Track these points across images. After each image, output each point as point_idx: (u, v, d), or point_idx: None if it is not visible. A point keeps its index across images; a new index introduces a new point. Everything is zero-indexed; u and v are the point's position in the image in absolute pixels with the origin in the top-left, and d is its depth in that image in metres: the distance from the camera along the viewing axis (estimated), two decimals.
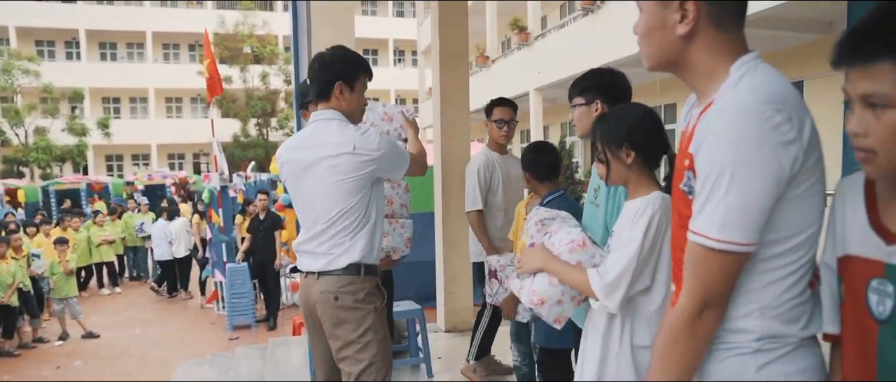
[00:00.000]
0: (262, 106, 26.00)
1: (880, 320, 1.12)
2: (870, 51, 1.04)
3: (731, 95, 1.21)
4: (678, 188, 1.33)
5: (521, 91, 17.83)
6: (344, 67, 2.51)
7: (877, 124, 1.06)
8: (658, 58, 1.35)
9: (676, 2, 1.28)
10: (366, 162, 2.40)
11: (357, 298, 2.43)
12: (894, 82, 1.02)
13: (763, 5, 9.06)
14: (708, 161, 1.19)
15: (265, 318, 8.58)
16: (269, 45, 26.87)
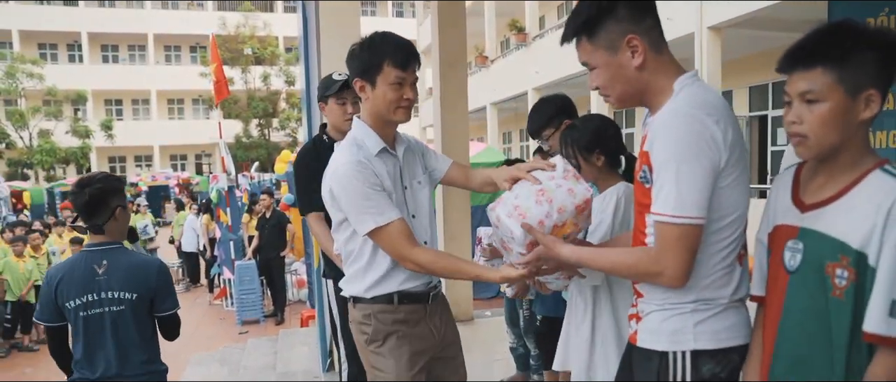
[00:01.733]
0: (264, 107, 26.33)
1: (790, 271, 1.45)
2: (808, 60, 1.37)
3: (672, 104, 1.53)
4: (637, 180, 1.65)
5: (520, 91, 18.13)
6: (360, 60, 2.11)
7: (809, 115, 1.38)
8: (627, 94, 1.64)
9: (624, 41, 1.58)
10: (327, 191, 2.11)
11: (354, 329, 2.25)
12: (824, 82, 1.35)
13: (754, 6, 9.37)
14: (659, 156, 1.49)
15: (273, 313, 8.90)
16: (270, 46, 27.19)
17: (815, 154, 1.42)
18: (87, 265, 2.55)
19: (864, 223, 1.31)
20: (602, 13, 1.60)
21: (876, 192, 1.32)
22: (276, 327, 8.15)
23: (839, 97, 1.34)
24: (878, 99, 1.35)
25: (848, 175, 1.39)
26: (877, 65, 1.34)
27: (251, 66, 26.39)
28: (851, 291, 1.32)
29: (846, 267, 1.33)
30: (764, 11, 9.41)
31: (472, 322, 5.76)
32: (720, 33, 10.49)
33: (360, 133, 2.16)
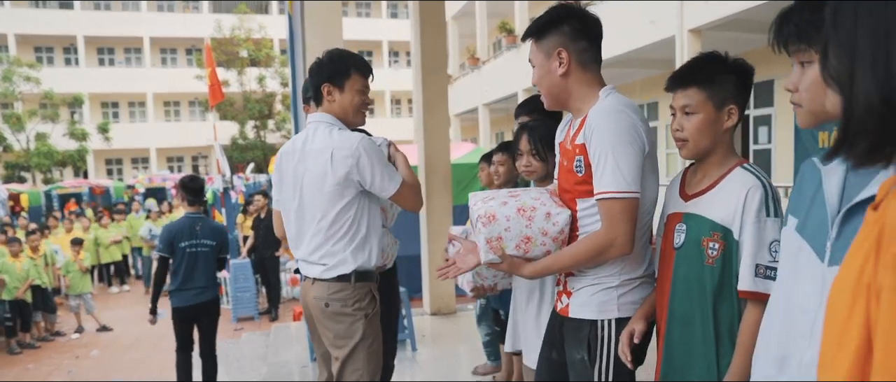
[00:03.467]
0: (260, 108, 26.53)
1: (676, 248, 1.79)
2: (686, 81, 1.76)
3: (603, 104, 1.89)
4: (569, 171, 1.97)
5: (510, 92, 18.40)
6: (331, 69, 2.51)
7: (688, 124, 1.76)
8: (552, 95, 2.00)
9: (555, 53, 1.93)
10: (343, 165, 2.39)
11: (345, 305, 2.47)
12: (698, 99, 1.73)
13: (733, 9, 9.67)
14: (597, 145, 1.82)
15: (267, 310, 9.19)
16: (265, 48, 27.38)
17: (693, 154, 1.79)
18: (191, 224, 4.82)
19: (729, 206, 1.67)
20: (550, 24, 1.96)
21: (737, 184, 1.69)
22: (271, 323, 8.44)
23: (709, 110, 1.72)
24: (737, 111, 1.73)
25: (718, 171, 1.75)
26: (734, 85, 1.73)
27: (246, 68, 26.58)
28: (720, 260, 1.69)
29: (717, 240, 1.69)
30: (743, 14, 9.71)
31: (455, 315, 6.07)
32: (700, 35, 10.79)
33: (336, 123, 2.53)
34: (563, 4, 2.02)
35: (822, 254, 1.18)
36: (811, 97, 1.26)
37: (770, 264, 1.62)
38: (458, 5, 20.87)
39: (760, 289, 1.61)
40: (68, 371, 7.42)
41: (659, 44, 11.59)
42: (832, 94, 0.87)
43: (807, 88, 1.26)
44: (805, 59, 1.26)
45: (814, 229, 1.22)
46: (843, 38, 0.81)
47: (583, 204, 1.95)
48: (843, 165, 1.21)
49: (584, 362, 1.97)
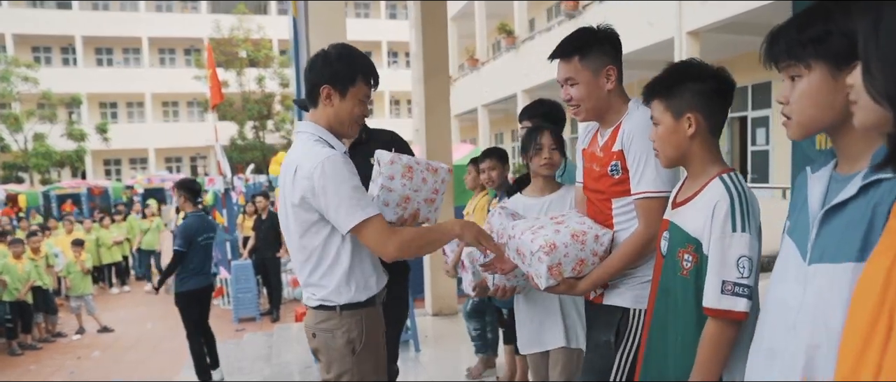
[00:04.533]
0: (259, 109, 26.54)
1: (663, 254, 1.82)
2: (650, 94, 1.82)
3: (638, 115, 2.09)
4: (604, 174, 2.18)
5: (509, 92, 18.46)
6: (335, 69, 2.15)
7: (655, 133, 1.82)
8: (597, 109, 2.20)
9: (604, 70, 2.13)
10: (299, 186, 2.06)
11: (333, 337, 2.16)
12: (659, 110, 1.79)
13: (730, 12, 9.73)
14: (636, 151, 2.05)
15: (268, 311, 9.22)
16: (264, 48, 27.39)
17: (664, 163, 1.86)
18: (202, 220, 5.76)
19: (700, 219, 1.67)
20: (595, 42, 2.13)
21: (711, 195, 1.68)
22: (272, 324, 8.47)
23: (668, 119, 1.77)
24: (697, 120, 1.73)
25: (700, 181, 1.76)
26: (693, 94, 1.73)
27: (245, 69, 26.60)
28: (694, 272, 1.69)
29: (690, 252, 1.70)
30: (741, 17, 9.77)
31: (456, 315, 6.10)
32: (699, 37, 10.85)
33: (322, 134, 2.16)
34: (602, 27, 2.18)
35: (805, 254, 1.27)
36: (801, 109, 1.30)
37: (738, 280, 1.58)
38: (458, 6, 20.91)
39: (725, 307, 1.58)
40: (70, 371, 7.44)
41: (658, 45, 11.64)
42: (868, 106, 0.90)
43: (797, 100, 1.30)
44: (795, 74, 1.30)
45: (800, 231, 1.31)
46: (889, 52, 0.82)
47: (618, 202, 2.16)
48: (829, 173, 1.28)
49: (610, 344, 2.13)
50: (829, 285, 1.16)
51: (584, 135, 2.38)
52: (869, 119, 0.93)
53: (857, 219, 1.14)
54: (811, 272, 1.23)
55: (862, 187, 1.15)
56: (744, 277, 1.58)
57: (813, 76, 1.26)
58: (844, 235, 1.16)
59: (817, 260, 1.22)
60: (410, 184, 2.37)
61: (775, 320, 1.35)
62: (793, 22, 1.31)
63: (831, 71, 1.24)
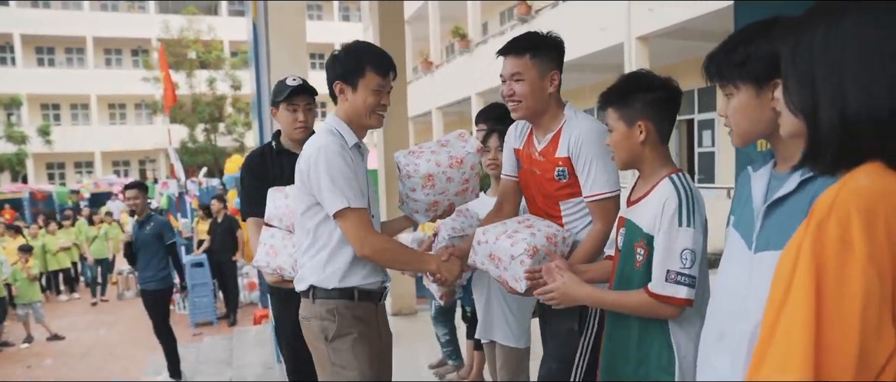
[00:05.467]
0: (210, 111, 26.06)
1: (620, 248, 1.98)
2: (605, 103, 1.95)
3: (580, 121, 2.26)
4: (549, 179, 2.30)
5: (464, 95, 18.65)
6: (343, 65, 2.26)
7: (610, 139, 1.95)
8: (537, 110, 2.30)
9: (549, 74, 2.26)
10: (300, 171, 2.24)
11: (309, 325, 2.28)
12: (613, 118, 1.92)
13: (679, 17, 10.10)
14: (586, 155, 2.20)
15: (225, 315, 9.16)
16: (215, 50, 26.94)
17: (619, 165, 2.01)
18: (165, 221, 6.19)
19: (651, 215, 1.83)
20: (545, 44, 2.27)
21: (661, 193, 1.85)
22: (230, 328, 8.43)
23: (621, 127, 1.91)
24: (647, 127, 1.88)
25: (653, 181, 1.92)
26: (643, 103, 1.88)
27: (196, 71, 26.10)
28: (645, 264, 1.85)
29: (643, 246, 1.86)
30: (687, 23, 10.15)
31: (416, 315, 6.21)
32: (647, 42, 11.22)
33: (336, 125, 2.27)
34: (551, 34, 2.33)
35: (750, 244, 1.43)
36: (736, 121, 1.48)
37: (681, 270, 1.74)
38: (412, 8, 21.00)
39: (668, 293, 1.75)
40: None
41: (609, 50, 11.99)
42: (789, 118, 1.08)
43: (732, 115, 1.48)
44: (728, 92, 1.48)
45: (745, 224, 1.47)
46: (802, 74, 1.01)
47: (567, 204, 2.31)
48: (769, 172, 1.46)
49: (573, 331, 2.26)
50: (773, 270, 1.33)
51: (516, 135, 2.48)
52: (790, 129, 1.10)
53: (797, 211, 1.31)
54: (757, 260, 1.40)
55: (801, 183, 1.32)
56: (686, 268, 1.75)
57: (741, 95, 1.45)
58: (786, 225, 1.32)
59: (762, 248, 1.39)
60: (433, 191, 2.44)
61: (724, 306, 1.51)
62: (722, 47, 1.49)
63: (755, 90, 1.43)
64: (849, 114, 0.96)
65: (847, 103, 0.96)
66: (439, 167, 2.42)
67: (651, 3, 10.50)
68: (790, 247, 0.99)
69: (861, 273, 0.87)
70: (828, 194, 0.94)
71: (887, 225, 0.89)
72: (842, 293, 0.88)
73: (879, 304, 0.88)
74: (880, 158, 0.95)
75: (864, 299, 0.87)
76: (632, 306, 1.87)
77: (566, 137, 2.24)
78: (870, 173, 0.94)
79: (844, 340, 0.88)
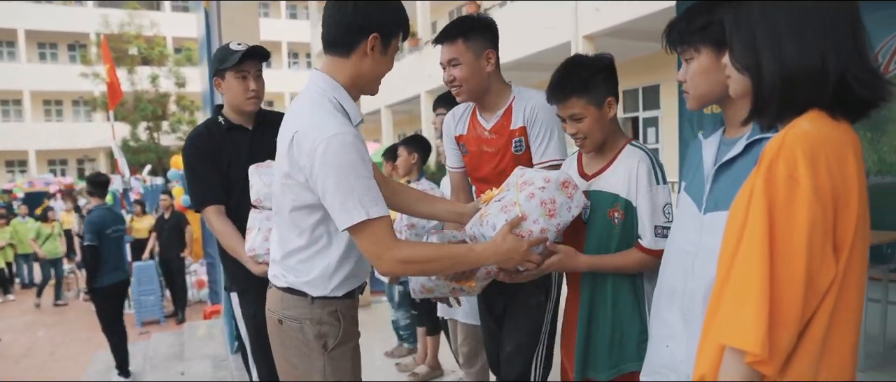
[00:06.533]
0: (153, 109, 25.37)
1: (585, 221, 2.07)
2: (565, 94, 2.01)
3: (531, 94, 2.35)
4: (502, 153, 2.36)
5: (413, 94, 18.73)
6: (390, 17, 1.81)
7: (582, 126, 2.01)
8: (478, 89, 2.35)
9: (484, 53, 2.29)
10: (295, 160, 1.72)
11: (302, 327, 1.85)
12: (580, 105, 1.99)
13: (624, 17, 10.39)
14: (542, 125, 2.28)
15: (173, 313, 8.98)
16: (158, 46, 26.26)
17: (593, 148, 2.07)
18: (109, 213, 5.83)
19: (624, 179, 1.97)
20: (476, 27, 2.30)
21: (629, 159, 1.99)
22: (178, 326, 8.27)
23: (593, 110, 2.00)
24: (614, 102, 2.02)
25: (612, 151, 2.05)
26: (603, 80, 2.00)
27: (137, 67, 25.36)
28: (621, 224, 1.98)
29: (618, 209, 1.98)
30: (631, 24, 10.46)
31: (370, 307, 6.25)
32: (594, 41, 11.51)
33: (338, 94, 1.79)
34: (481, 15, 2.40)
35: (701, 206, 1.56)
36: (695, 85, 1.60)
37: (665, 224, 1.91)
38: None
39: (659, 247, 1.89)
40: None
41: (556, 48, 12.24)
42: (737, 78, 1.21)
43: (691, 78, 1.60)
44: (688, 57, 1.61)
45: (696, 187, 1.60)
46: (746, 36, 1.15)
47: (529, 171, 2.30)
48: (718, 138, 1.58)
49: (541, 304, 2.37)
50: (722, 228, 1.44)
51: (455, 123, 2.54)
52: (738, 88, 1.22)
53: (743, 172, 1.42)
54: (707, 220, 1.52)
55: (747, 146, 1.44)
56: (668, 221, 1.92)
57: (701, 58, 1.56)
58: (734, 186, 1.44)
59: (712, 209, 1.51)
60: None
61: (675, 265, 1.63)
62: (683, 15, 1.61)
63: (715, 53, 1.54)
64: (787, 68, 1.08)
65: (785, 59, 1.08)
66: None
67: (598, 4, 10.77)
68: (743, 191, 1.09)
69: (807, 205, 0.98)
70: (775, 139, 1.05)
71: (827, 163, 1.00)
72: (791, 224, 0.99)
73: (823, 235, 0.99)
74: (818, 106, 1.07)
75: (809, 229, 0.98)
76: (631, 266, 1.98)
77: (519, 109, 2.33)
78: (811, 120, 1.05)
79: (794, 268, 0.98)
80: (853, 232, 1.02)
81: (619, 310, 2.01)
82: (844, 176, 1.02)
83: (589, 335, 2.05)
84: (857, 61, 1.07)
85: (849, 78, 1.06)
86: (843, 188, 1.01)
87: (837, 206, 1.01)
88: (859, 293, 1.06)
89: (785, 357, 1.03)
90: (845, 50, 1.07)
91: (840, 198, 1.01)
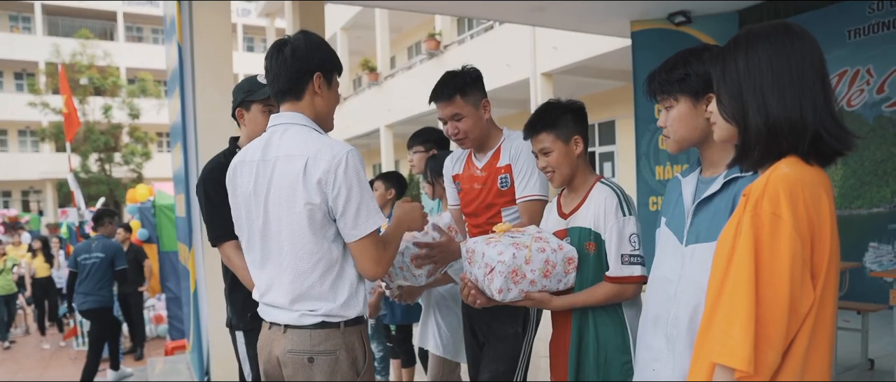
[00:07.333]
0: (105, 140, 24.77)
1: None
2: (537, 129, 2.22)
3: (517, 135, 2.53)
4: (491, 190, 2.54)
5: (373, 127, 18.84)
6: (325, 55, 1.98)
7: (551, 160, 2.21)
8: (481, 137, 2.57)
9: (482, 103, 2.52)
10: (314, 184, 1.82)
11: (337, 359, 1.90)
12: (550, 140, 2.18)
13: (579, 56, 10.76)
14: (523, 163, 2.47)
15: (131, 349, 8.75)
16: (111, 76, 25.77)
17: (562, 181, 2.26)
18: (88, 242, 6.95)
19: (595, 214, 2.14)
20: (469, 81, 2.52)
21: (598, 196, 2.17)
22: (137, 363, 8.07)
23: (560, 146, 2.20)
24: (582, 141, 2.22)
25: (583, 190, 2.23)
26: (572, 121, 2.21)
27: (89, 97, 24.79)
28: (595, 256, 2.14)
29: (592, 242, 2.14)
30: (587, 62, 10.83)
31: None
32: (551, 79, 11.85)
33: (312, 124, 1.95)
34: (468, 68, 2.59)
35: (682, 238, 1.71)
36: (675, 129, 1.77)
37: (632, 253, 2.07)
38: None
39: (625, 274, 2.07)
40: None
41: (515, 85, 12.56)
42: (722, 125, 1.37)
43: (671, 124, 1.78)
44: (668, 105, 1.79)
45: (676, 222, 1.76)
46: (732, 89, 1.31)
47: (507, 211, 2.54)
48: (696, 177, 1.75)
49: (518, 334, 2.49)
50: (703, 258, 1.58)
51: (452, 164, 2.79)
52: (723, 134, 1.38)
53: (722, 208, 1.59)
54: (688, 251, 1.67)
55: (724, 183, 1.61)
56: (636, 249, 2.08)
57: (680, 106, 1.74)
58: (713, 220, 1.60)
59: (693, 241, 1.66)
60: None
61: (659, 294, 1.78)
62: (662, 67, 1.80)
63: (693, 101, 1.71)
64: (771, 120, 1.24)
65: (769, 112, 1.24)
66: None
67: (555, 42, 11.13)
68: (729, 226, 1.24)
69: (789, 239, 1.13)
70: (760, 181, 1.21)
71: (805, 202, 1.16)
72: (775, 255, 1.14)
73: (802, 265, 1.14)
74: (795, 153, 1.23)
75: (791, 260, 1.13)
76: (600, 297, 2.12)
77: (507, 149, 2.55)
78: (789, 164, 1.21)
79: (778, 294, 1.13)
80: (827, 261, 1.18)
81: (603, 334, 2.15)
82: (819, 212, 1.18)
83: (580, 359, 2.19)
84: (828, 116, 1.24)
85: (821, 132, 1.23)
86: (818, 223, 1.17)
87: (814, 239, 1.17)
88: (833, 315, 1.22)
89: (771, 373, 1.17)
90: (819, 107, 1.24)
91: (816, 232, 1.17)
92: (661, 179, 6.90)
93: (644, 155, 6.99)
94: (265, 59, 1.98)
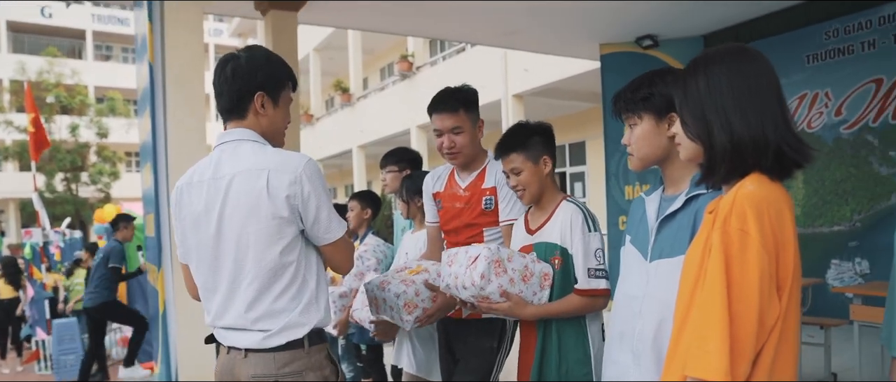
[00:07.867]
0: (72, 160, 24.27)
1: None
2: (507, 150, 2.29)
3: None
4: (475, 210, 2.59)
5: (345, 148, 18.82)
6: (268, 74, 1.91)
7: (520, 179, 2.28)
8: (471, 155, 2.62)
9: (478, 125, 2.58)
10: (282, 193, 1.79)
11: (321, 378, 1.87)
12: (519, 160, 2.26)
13: (549, 78, 10.93)
14: (509, 189, 2.44)
15: (95, 373, 8.53)
16: (79, 95, 25.33)
17: (530, 200, 2.33)
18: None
19: (561, 230, 2.22)
20: (472, 99, 2.60)
21: (564, 213, 2.25)
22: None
23: (530, 166, 2.28)
24: (550, 161, 2.31)
25: (550, 208, 2.31)
26: (541, 142, 2.30)
27: (55, 116, 24.32)
28: (561, 270, 2.21)
29: (558, 256, 2.22)
30: (556, 84, 11.00)
31: None
32: (522, 100, 12.00)
33: (261, 140, 1.92)
34: (468, 87, 2.64)
35: (646, 255, 1.77)
36: (638, 148, 1.83)
37: (598, 267, 2.16)
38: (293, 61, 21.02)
39: (592, 286, 2.16)
40: None
41: (486, 106, 12.65)
42: (687, 145, 1.41)
43: (635, 142, 1.84)
44: (632, 123, 1.85)
45: (641, 239, 1.81)
46: (694, 110, 1.36)
47: (489, 231, 2.59)
48: (659, 195, 1.81)
49: (493, 349, 2.53)
50: (668, 274, 1.63)
51: (433, 182, 2.82)
52: (689, 153, 1.43)
53: (684, 224, 1.64)
54: (653, 267, 1.73)
55: (686, 201, 1.67)
56: (601, 264, 2.16)
57: (644, 124, 1.80)
58: (676, 237, 1.66)
59: (657, 257, 1.71)
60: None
61: (624, 310, 1.83)
62: (628, 86, 1.86)
63: (656, 120, 1.78)
64: (736, 137, 1.30)
65: (733, 129, 1.30)
66: None
67: (526, 64, 11.29)
68: (696, 243, 1.30)
69: (757, 255, 1.19)
70: (726, 199, 1.27)
71: (769, 218, 1.22)
72: (744, 270, 1.19)
73: (770, 279, 1.20)
74: (759, 169, 1.29)
75: (760, 274, 1.18)
76: (571, 308, 2.19)
77: (492, 172, 2.61)
78: (754, 181, 1.27)
79: (748, 308, 1.18)
80: (791, 274, 1.23)
81: (564, 345, 2.21)
82: (783, 228, 1.24)
83: (542, 370, 2.24)
84: (787, 131, 1.30)
85: (783, 146, 1.29)
86: (782, 238, 1.23)
87: (779, 253, 1.22)
88: (797, 326, 1.27)
89: None
90: (779, 123, 1.30)
91: (780, 247, 1.22)
92: (630, 199, 7.02)
93: (614, 175, 7.11)
94: (213, 75, 1.93)
